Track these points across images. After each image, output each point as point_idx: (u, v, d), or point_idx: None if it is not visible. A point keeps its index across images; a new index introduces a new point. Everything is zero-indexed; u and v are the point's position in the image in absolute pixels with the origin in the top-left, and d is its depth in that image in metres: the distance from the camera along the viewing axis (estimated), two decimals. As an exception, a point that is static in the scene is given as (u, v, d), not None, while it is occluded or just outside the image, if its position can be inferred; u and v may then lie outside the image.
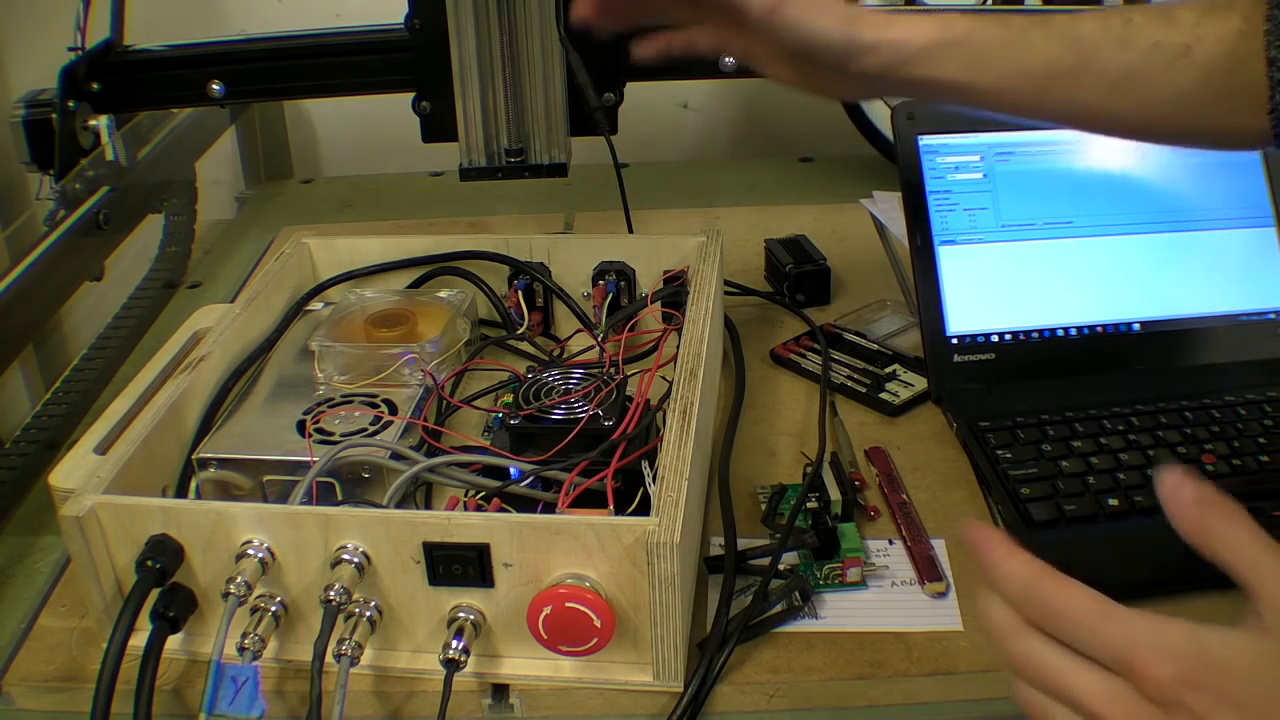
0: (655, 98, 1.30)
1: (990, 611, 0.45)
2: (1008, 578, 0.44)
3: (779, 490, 0.73)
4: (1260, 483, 0.72)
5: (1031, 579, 0.44)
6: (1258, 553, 0.42)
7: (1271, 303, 0.86)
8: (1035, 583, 0.43)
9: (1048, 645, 0.43)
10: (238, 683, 0.61)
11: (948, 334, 0.84)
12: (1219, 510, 0.43)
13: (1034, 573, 0.44)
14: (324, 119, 1.50)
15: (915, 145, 0.85)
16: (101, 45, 1.08)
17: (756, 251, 1.05)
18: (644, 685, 0.61)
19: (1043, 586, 0.43)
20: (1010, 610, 0.44)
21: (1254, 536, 0.42)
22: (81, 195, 1.04)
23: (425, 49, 1.00)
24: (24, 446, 0.86)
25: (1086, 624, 0.42)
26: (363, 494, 0.70)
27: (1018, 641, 0.43)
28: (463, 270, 0.90)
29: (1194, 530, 0.43)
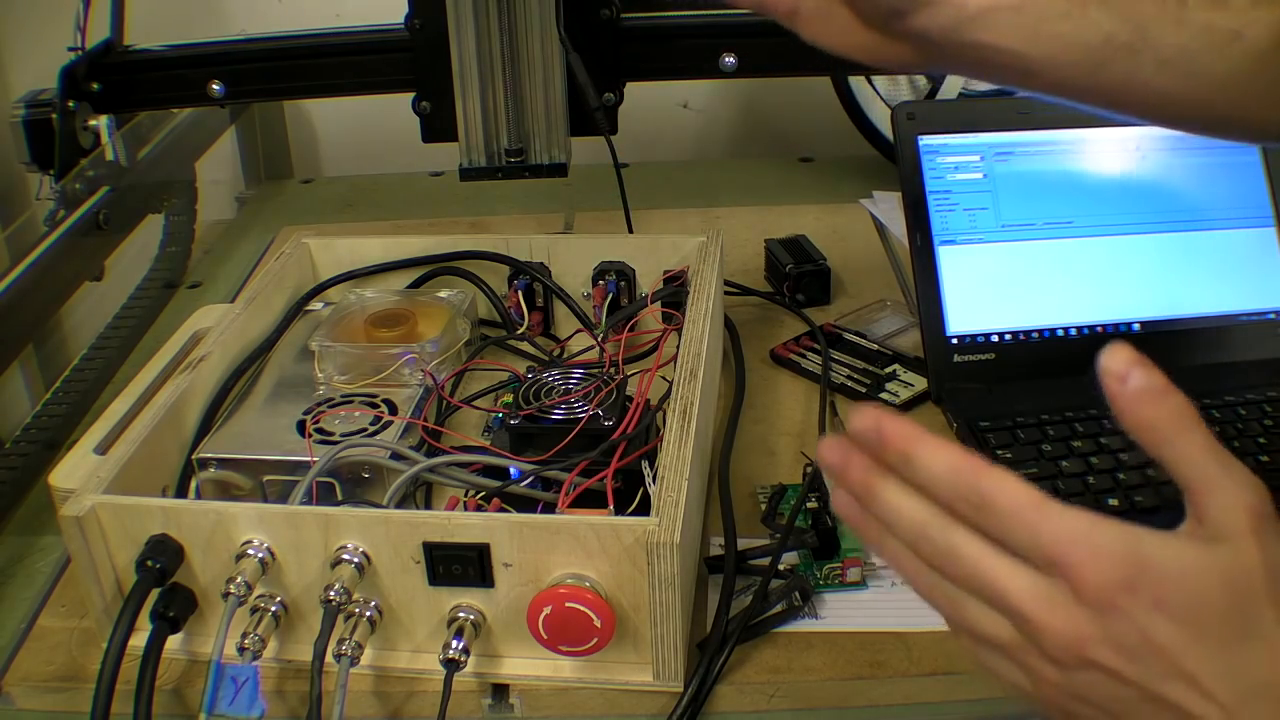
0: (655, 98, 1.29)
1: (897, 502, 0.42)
2: (930, 461, 0.41)
3: (779, 490, 0.73)
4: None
5: (958, 464, 0.40)
6: (1208, 463, 0.40)
7: (1271, 303, 0.86)
8: (963, 468, 0.40)
9: (973, 538, 0.40)
10: (238, 683, 0.61)
11: (948, 334, 0.84)
12: (1170, 409, 0.40)
13: (961, 460, 0.41)
14: (324, 119, 1.50)
15: (915, 145, 0.85)
16: (101, 45, 1.08)
17: (756, 251, 1.05)
18: (644, 685, 0.61)
19: (975, 476, 0.40)
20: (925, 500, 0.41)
21: (1204, 443, 0.40)
22: (81, 195, 1.04)
23: (425, 49, 1.00)
24: (24, 446, 0.86)
25: (1021, 518, 0.39)
26: (363, 494, 0.70)
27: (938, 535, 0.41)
28: (463, 270, 0.90)
29: (1141, 428, 0.41)
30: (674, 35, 1.06)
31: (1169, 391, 0.41)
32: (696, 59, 1.06)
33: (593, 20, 1.01)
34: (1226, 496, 0.39)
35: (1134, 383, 0.40)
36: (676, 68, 1.08)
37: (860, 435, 0.42)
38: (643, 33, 1.04)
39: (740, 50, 1.05)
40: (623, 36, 1.03)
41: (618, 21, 1.02)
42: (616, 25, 1.02)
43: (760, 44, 1.07)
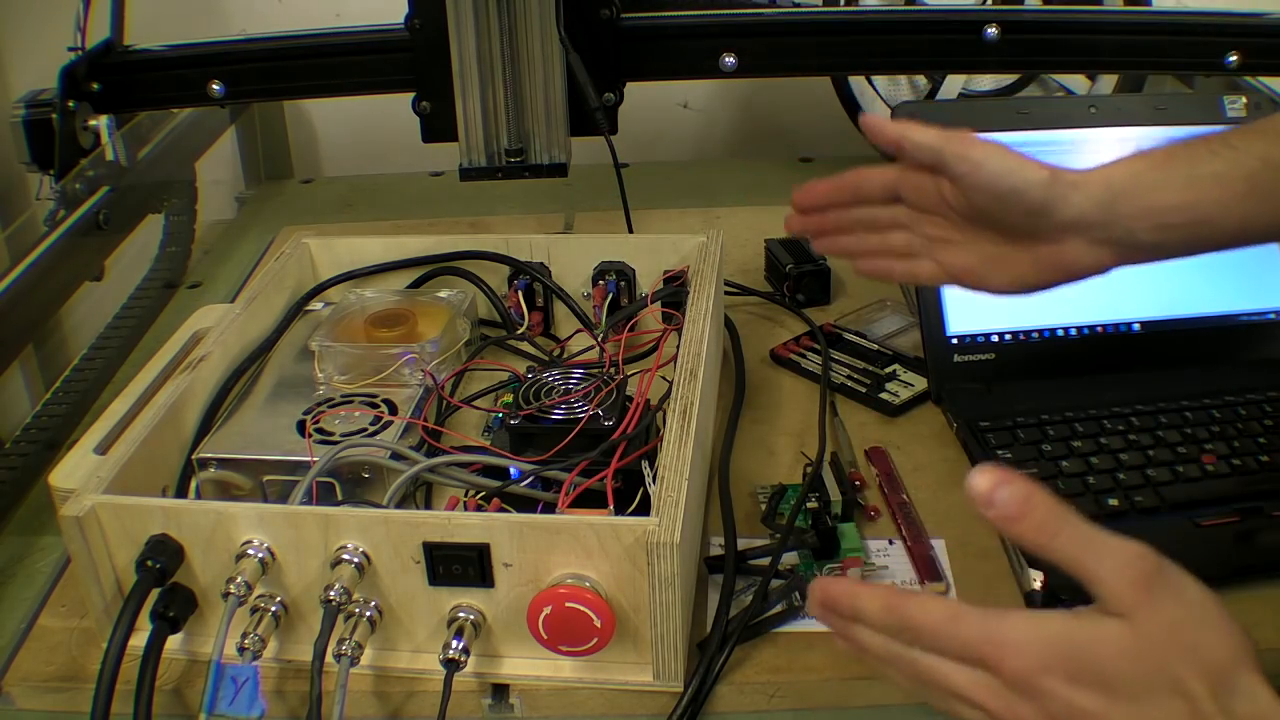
0: (655, 98, 1.30)
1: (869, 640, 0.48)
2: (868, 608, 0.47)
3: (779, 490, 0.73)
4: (1260, 483, 0.72)
5: (888, 604, 0.47)
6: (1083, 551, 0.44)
7: (1271, 303, 0.86)
8: (891, 605, 0.47)
9: (921, 653, 0.46)
10: (238, 683, 0.61)
11: (948, 334, 0.84)
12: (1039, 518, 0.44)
13: (888, 597, 0.47)
14: (324, 119, 1.50)
15: (915, 145, 0.85)
16: (101, 45, 1.08)
17: (756, 251, 1.05)
18: (644, 685, 0.61)
19: (898, 607, 0.46)
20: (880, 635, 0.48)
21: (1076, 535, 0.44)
22: (81, 195, 1.04)
23: (425, 49, 1.00)
24: (24, 446, 0.86)
25: (941, 631, 0.45)
26: (363, 494, 0.70)
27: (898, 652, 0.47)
28: (463, 270, 0.90)
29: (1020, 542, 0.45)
30: (674, 35, 1.06)
31: (1034, 500, 0.44)
32: (696, 59, 1.06)
33: (593, 20, 1.01)
34: (1106, 581, 0.43)
35: (999, 504, 0.44)
36: (676, 68, 1.08)
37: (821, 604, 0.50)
38: (643, 33, 1.04)
39: (740, 50, 1.05)
40: (623, 36, 1.03)
41: (618, 21, 1.02)
42: (616, 25, 1.02)
43: (760, 44, 1.07)
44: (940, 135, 0.64)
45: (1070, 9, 1.21)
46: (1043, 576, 0.65)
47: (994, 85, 1.27)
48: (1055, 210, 0.62)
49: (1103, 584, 0.43)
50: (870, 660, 0.49)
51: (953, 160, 0.63)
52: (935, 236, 0.68)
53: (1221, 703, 0.41)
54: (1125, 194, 0.62)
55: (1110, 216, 0.62)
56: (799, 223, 0.72)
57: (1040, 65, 1.18)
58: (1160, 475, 0.72)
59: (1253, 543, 0.69)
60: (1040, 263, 0.65)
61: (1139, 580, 0.43)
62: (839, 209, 0.71)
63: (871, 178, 0.69)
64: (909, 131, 0.65)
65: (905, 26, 1.10)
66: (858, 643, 0.49)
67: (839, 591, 0.49)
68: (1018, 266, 0.66)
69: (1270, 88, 1.10)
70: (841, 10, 1.23)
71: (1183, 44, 1.07)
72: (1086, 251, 0.64)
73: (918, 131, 0.64)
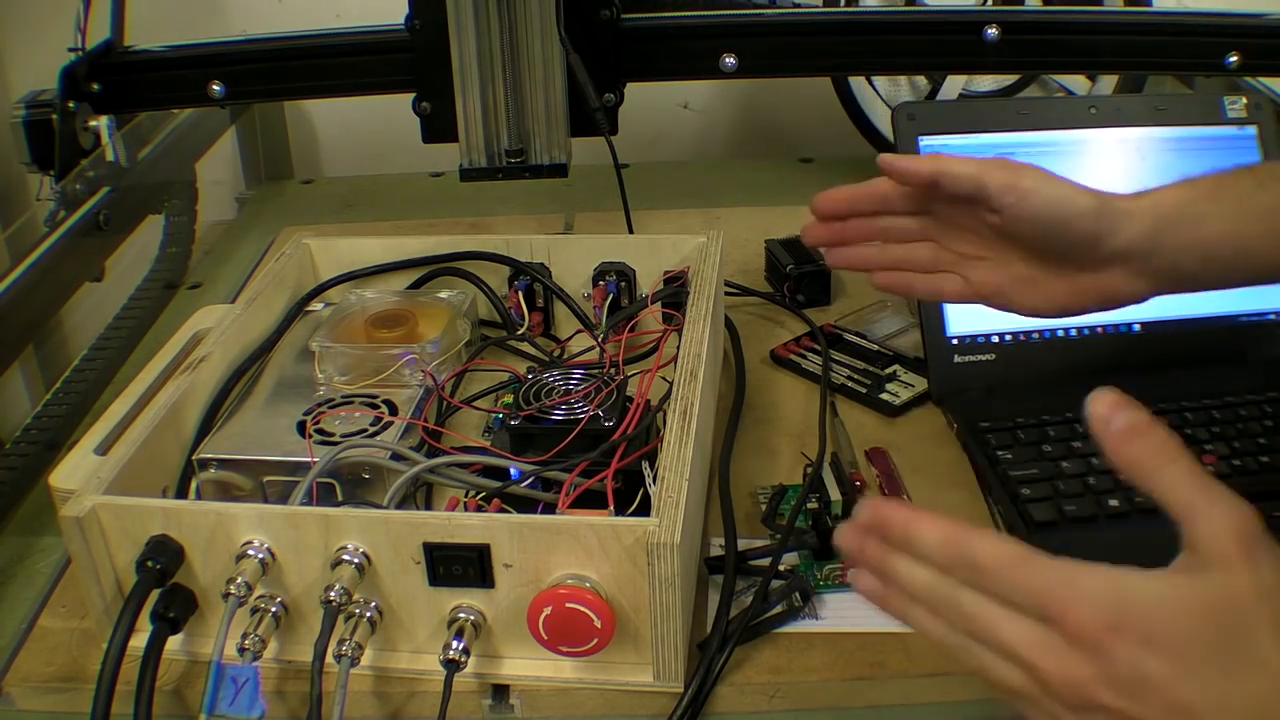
0: (655, 98, 1.30)
1: (910, 573, 0.45)
2: (925, 535, 0.45)
3: (779, 491, 0.73)
4: (1260, 483, 0.72)
5: (950, 536, 0.44)
6: (1193, 492, 0.41)
7: (1271, 303, 0.86)
8: (954, 539, 0.44)
9: (975, 595, 0.43)
10: (238, 683, 0.61)
11: (948, 335, 0.84)
12: (1154, 444, 0.42)
13: (951, 530, 0.44)
14: (324, 119, 1.50)
15: (916, 145, 0.86)
16: (101, 46, 1.08)
17: (757, 252, 1.05)
18: (644, 686, 0.61)
19: (962, 541, 0.44)
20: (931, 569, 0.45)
21: (1188, 473, 0.42)
22: (82, 196, 1.04)
23: (425, 49, 1.00)
24: (24, 447, 0.86)
25: (1006, 574, 0.42)
26: (363, 494, 0.70)
27: (945, 592, 0.44)
28: (463, 271, 0.89)
29: (1128, 465, 0.43)
30: (674, 35, 1.06)
31: (1151, 428, 0.42)
32: (696, 59, 1.07)
33: (593, 20, 1.01)
34: (1212, 524, 0.41)
35: (1117, 423, 0.43)
36: (676, 68, 1.08)
37: (867, 524, 0.47)
38: (643, 33, 1.04)
39: (740, 50, 1.05)
40: (623, 37, 1.03)
41: (618, 22, 1.02)
42: (617, 25, 1.02)
43: (760, 44, 1.07)
44: (980, 166, 0.62)
45: (1070, 9, 1.21)
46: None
47: (994, 85, 1.27)
48: (1104, 241, 0.61)
49: (1208, 526, 0.41)
50: (894, 602, 0.46)
51: (997, 192, 0.61)
52: (964, 253, 0.66)
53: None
54: (1173, 225, 0.61)
55: (1156, 247, 0.61)
56: (819, 232, 0.69)
57: (1040, 66, 1.18)
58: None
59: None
60: (1078, 289, 0.64)
61: (1246, 533, 0.40)
62: (861, 218, 0.68)
63: (899, 188, 0.67)
64: (945, 165, 0.63)
65: (905, 27, 1.10)
66: (895, 576, 0.46)
67: (894, 514, 0.46)
68: (1052, 290, 0.64)
69: (1270, 88, 1.10)
70: (841, 10, 1.23)
71: (1183, 44, 1.07)
72: (1128, 281, 0.63)
73: (954, 164, 0.62)
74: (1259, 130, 0.87)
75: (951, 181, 0.63)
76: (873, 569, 0.47)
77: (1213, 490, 0.41)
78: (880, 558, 0.46)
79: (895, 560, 0.46)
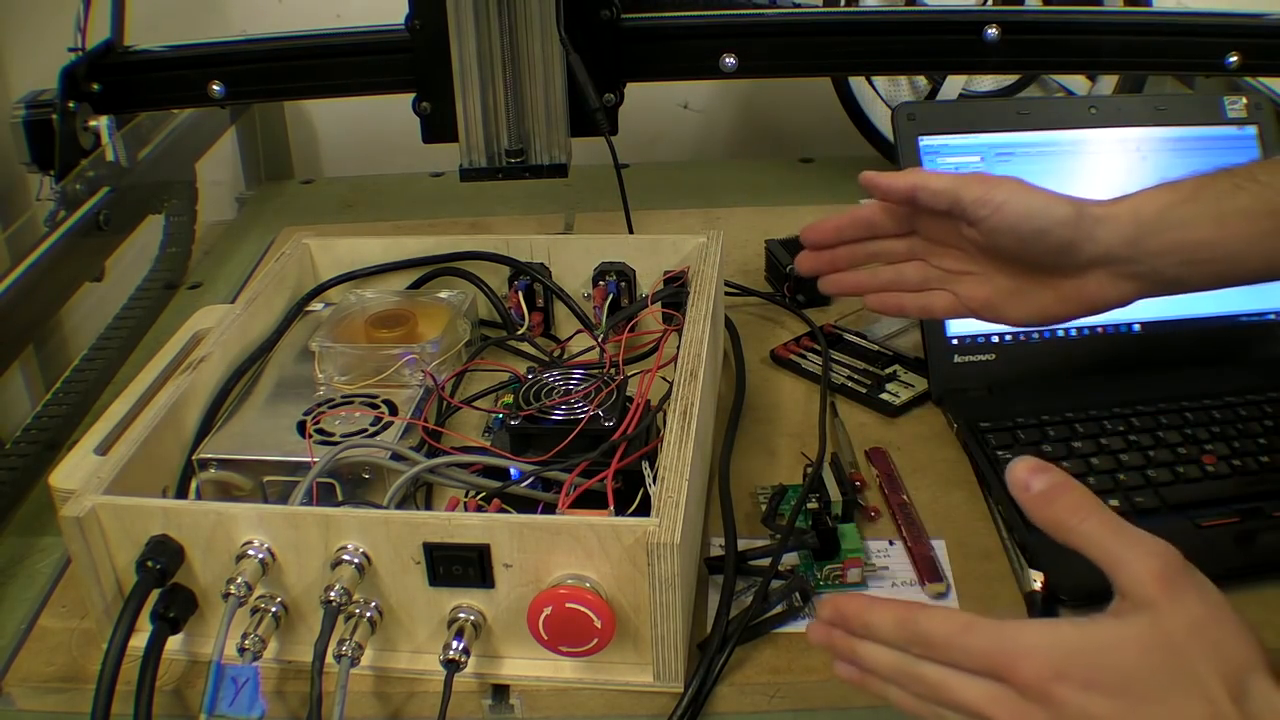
0: (655, 98, 1.30)
1: (875, 656, 0.48)
2: (879, 621, 0.48)
3: (779, 491, 0.73)
4: (1260, 483, 0.72)
5: (901, 618, 0.47)
6: (1112, 541, 0.44)
7: (1271, 303, 0.86)
8: (904, 621, 0.47)
9: (933, 666, 0.46)
10: (238, 683, 0.61)
11: (948, 335, 0.84)
12: (1071, 502, 0.45)
13: (901, 612, 0.47)
14: (324, 119, 1.50)
15: (916, 145, 0.85)
16: (101, 46, 1.08)
17: (757, 252, 1.05)
18: (644, 686, 0.61)
19: (911, 621, 0.47)
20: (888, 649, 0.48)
21: (1106, 525, 0.45)
22: (82, 196, 1.04)
23: (425, 49, 1.00)
24: (24, 447, 0.86)
25: (954, 643, 0.45)
26: (363, 495, 0.70)
27: (908, 668, 0.47)
28: (463, 271, 0.89)
29: (1050, 524, 0.46)
30: (674, 35, 1.06)
31: (1068, 487, 0.46)
32: (696, 59, 1.07)
33: (593, 20, 1.01)
34: (1134, 569, 0.43)
35: (1035, 487, 0.46)
36: (676, 68, 1.08)
37: (830, 619, 0.50)
38: (643, 33, 1.04)
39: (740, 50, 1.05)
40: (623, 37, 1.03)
41: (618, 22, 1.02)
42: (617, 25, 1.02)
43: (760, 44, 1.07)
44: (955, 181, 0.63)
45: (1070, 9, 1.21)
46: (1043, 577, 0.65)
47: (994, 85, 1.28)
48: (1081, 248, 0.62)
49: (1128, 572, 0.43)
50: (873, 684, 0.49)
51: (972, 206, 0.62)
52: (951, 269, 0.68)
53: (1239, 705, 0.41)
54: (1153, 230, 0.62)
55: (1137, 252, 0.62)
56: (812, 262, 0.72)
57: (1040, 66, 1.18)
58: (1160, 476, 0.72)
59: (1253, 543, 0.69)
60: (1062, 296, 0.65)
61: (1165, 573, 0.43)
62: (851, 244, 0.71)
63: (880, 212, 0.69)
64: (922, 181, 0.64)
65: (905, 27, 1.10)
66: (863, 661, 0.49)
67: (849, 606, 0.49)
68: (1038, 299, 0.65)
69: (1270, 88, 1.10)
70: (841, 10, 1.23)
71: (1183, 44, 1.07)
72: (1111, 285, 0.63)
73: (931, 179, 0.64)
74: (1259, 130, 0.87)
75: (929, 196, 0.64)
76: (845, 659, 0.50)
77: (1131, 536, 0.44)
78: (849, 647, 0.49)
79: (861, 647, 0.49)
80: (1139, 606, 0.43)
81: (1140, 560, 0.43)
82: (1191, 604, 0.42)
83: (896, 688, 0.48)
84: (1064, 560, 0.49)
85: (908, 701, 0.48)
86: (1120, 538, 0.44)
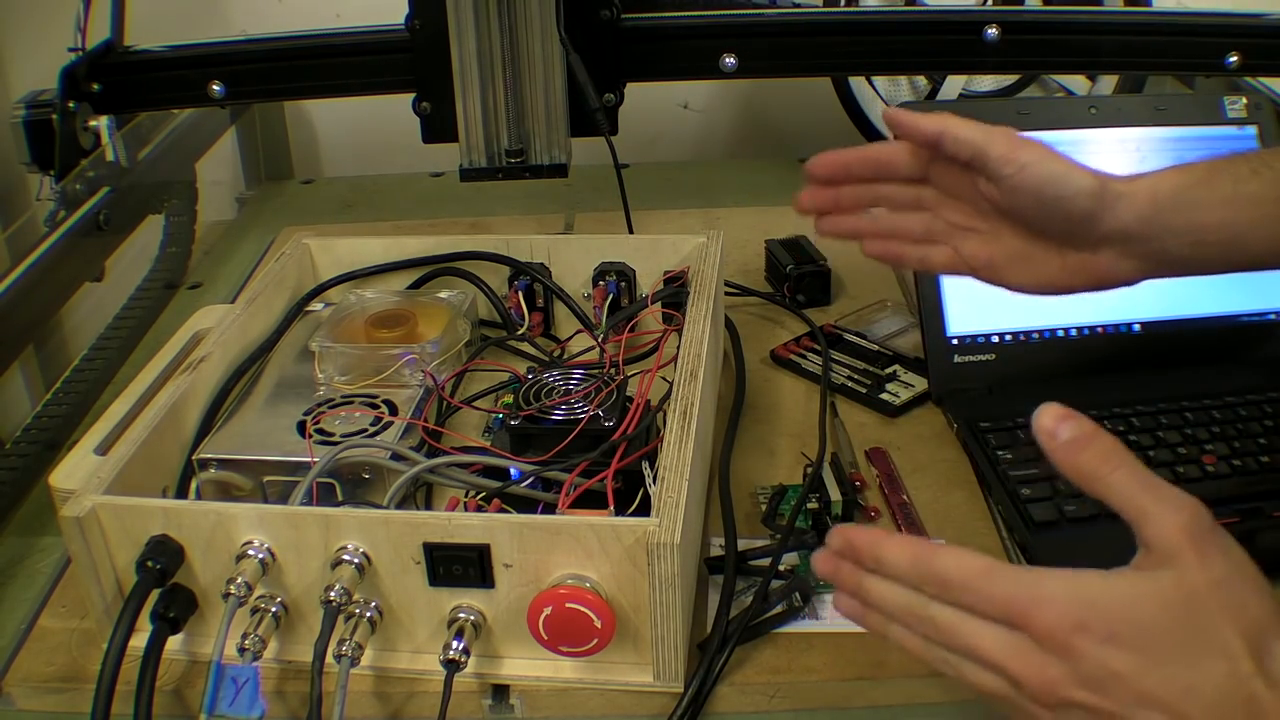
0: (655, 98, 1.30)
1: (883, 592, 0.47)
2: (893, 557, 0.46)
3: (779, 491, 0.73)
4: (1260, 483, 0.72)
5: (917, 554, 0.46)
6: (1141, 494, 0.43)
7: (1271, 303, 0.86)
8: (921, 557, 0.46)
9: (946, 609, 0.45)
10: (238, 683, 0.61)
11: (948, 335, 0.84)
12: (1100, 452, 0.44)
13: (917, 548, 0.46)
14: (324, 119, 1.50)
15: (915, 146, 0.85)
16: (102, 46, 1.08)
17: (757, 252, 1.05)
18: (644, 686, 0.61)
19: (928, 558, 0.45)
20: (898, 587, 0.47)
21: (1135, 477, 0.44)
22: (82, 196, 1.04)
23: (425, 49, 1.00)
24: (24, 447, 0.86)
25: (973, 585, 0.44)
26: (363, 495, 0.70)
27: (918, 609, 0.46)
28: (463, 271, 0.90)
29: (1077, 474, 0.45)
30: (674, 35, 1.06)
31: (1096, 436, 0.44)
32: (696, 59, 1.07)
33: (593, 20, 1.01)
34: (1162, 523, 0.42)
35: (1063, 435, 0.44)
36: (676, 68, 1.08)
37: (839, 549, 0.49)
38: (643, 33, 1.04)
39: (740, 50, 1.05)
40: (623, 37, 1.03)
41: (618, 22, 1.02)
42: (617, 25, 1.02)
43: (760, 44, 1.07)
44: (983, 132, 0.62)
45: (1070, 9, 1.21)
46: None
47: (994, 86, 1.28)
48: (1099, 221, 0.61)
49: (1156, 526, 0.42)
50: (873, 620, 0.48)
51: (996, 162, 0.61)
52: (957, 224, 0.66)
53: (1261, 664, 0.40)
54: (1169, 209, 0.61)
55: (1151, 230, 0.61)
56: (813, 196, 0.68)
57: (1040, 66, 1.18)
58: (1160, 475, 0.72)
59: (1253, 543, 0.67)
60: (1069, 268, 0.64)
61: (1193, 529, 0.42)
62: (856, 184, 0.68)
63: (899, 153, 0.66)
64: (950, 126, 0.62)
65: (905, 27, 1.10)
66: (869, 596, 0.47)
67: (861, 538, 0.47)
68: (1044, 267, 0.64)
69: (1270, 88, 1.10)
70: (841, 10, 1.23)
71: (1183, 44, 1.07)
72: (1119, 262, 0.63)
73: (959, 126, 0.62)
74: (1259, 130, 0.87)
75: (953, 144, 0.62)
76: (849, 591, 0.49)
77: (1160, 490, 0.43)
78: (855, 580, 0.48)
79: (869, 581, 0.48)
80: (1163, 561, 0.42)
81: (1167, 515, 0.42)
82: (1216, 562, 0.42)
83: (900, 627, 0.47)
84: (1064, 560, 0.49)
85: (911, 642, 0.47)
86: (1149, 491, 0.43)
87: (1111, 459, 0.44)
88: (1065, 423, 0.45)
